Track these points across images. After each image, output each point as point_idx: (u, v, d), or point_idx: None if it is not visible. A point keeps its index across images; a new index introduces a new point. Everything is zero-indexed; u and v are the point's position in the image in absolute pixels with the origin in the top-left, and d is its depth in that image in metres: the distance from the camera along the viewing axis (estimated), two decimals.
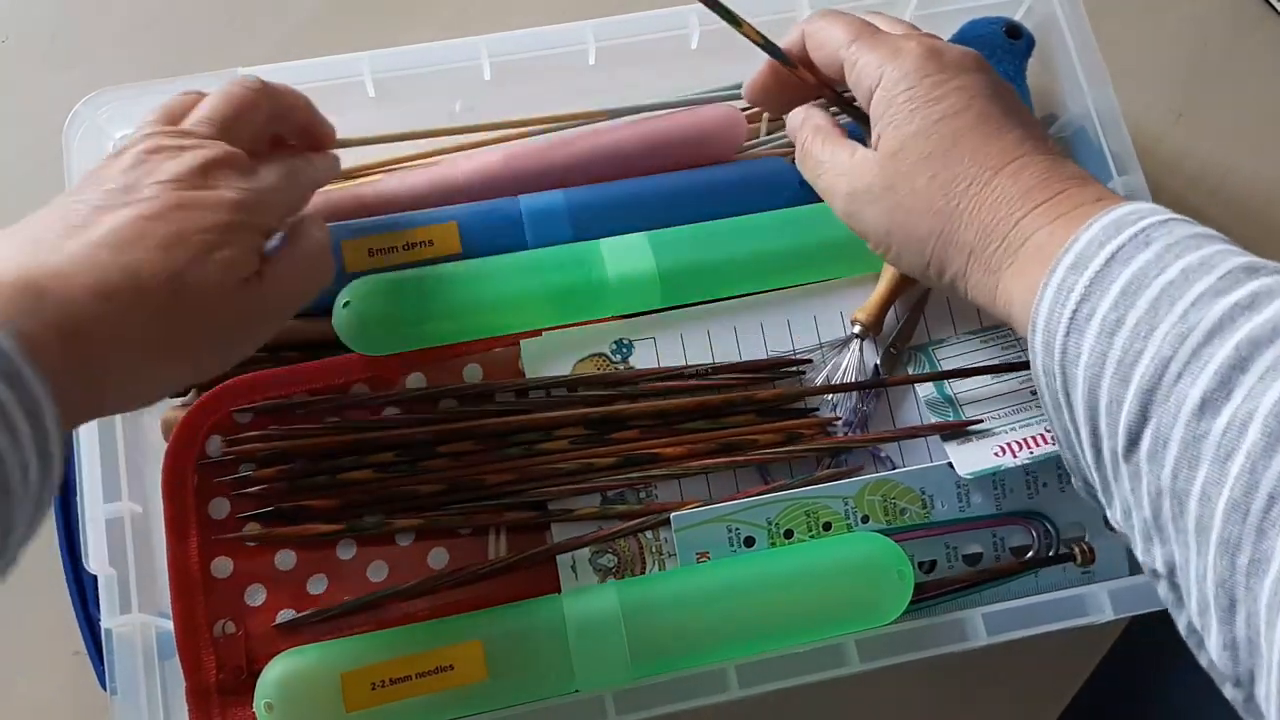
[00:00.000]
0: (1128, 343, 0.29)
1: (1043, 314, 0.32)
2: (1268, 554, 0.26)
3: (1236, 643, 0.27)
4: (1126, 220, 0.31)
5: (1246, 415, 0.27)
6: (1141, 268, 0.30)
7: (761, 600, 0.42)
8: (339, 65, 0.49)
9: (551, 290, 0.46)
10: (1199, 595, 0.29)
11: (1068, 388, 0.32)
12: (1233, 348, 0.27)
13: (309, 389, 0.46)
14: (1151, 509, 0.30)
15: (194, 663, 0.42)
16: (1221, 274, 0.29)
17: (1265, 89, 0.62)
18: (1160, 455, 0.29)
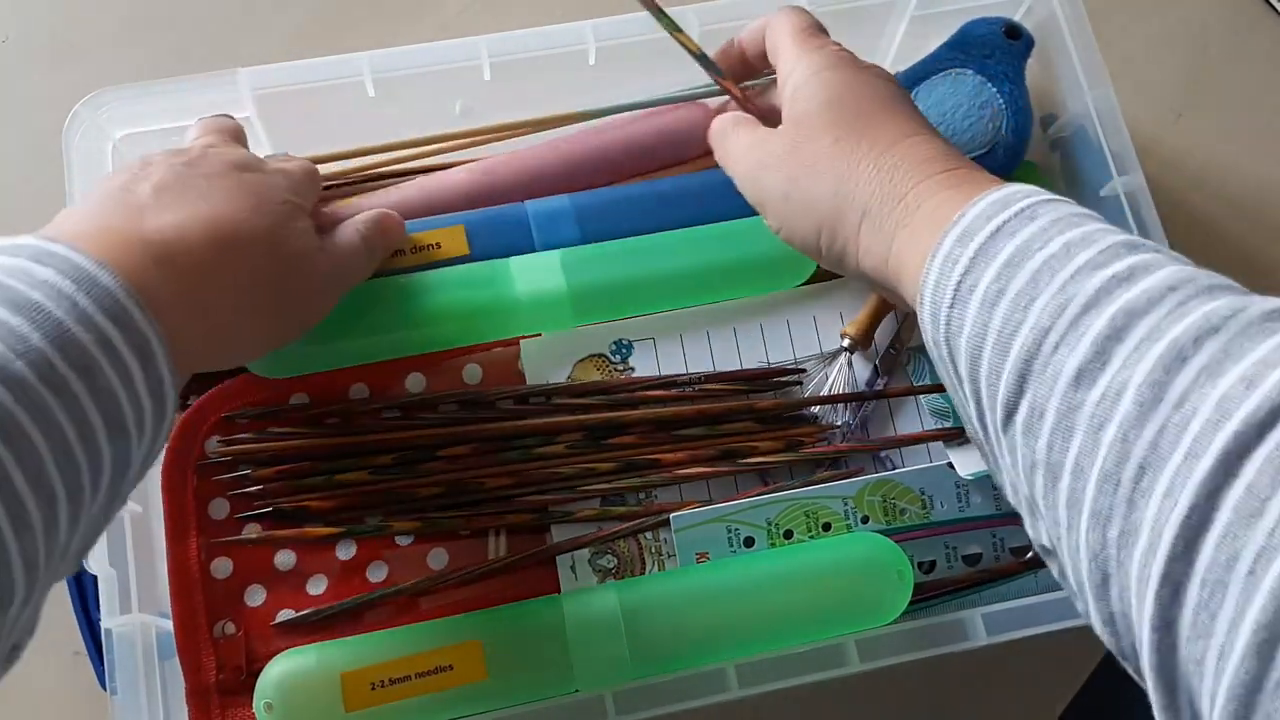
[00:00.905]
0: (1007, 313, 0.30)
1: (929, 285, 0.32)
2: (1137, 525, 0.26)
3: (1114, 617, 0.27)
4: (1014, 197, 0.32)
5: (1121, 385, 0.26)
6: (1025, 241, 0.30)
7: (761, 600, 0.42)
8: (339, 65, 0.49)
9: (457, 309, 0.45)
10: (1074, 571, 0.29)
11: (954, 359, 0.32)
12: (1108, 318, 0.27)
13: (308, 390, 0.46)
14: (1028, 483, 0.30)
15: (194, 663, 0.42)
16: (1102, 248, 0.29)
17: (1265, 89, 0.62)
18: (1036, 427, 0.29)
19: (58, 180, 0.47)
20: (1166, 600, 0.25)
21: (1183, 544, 0.24)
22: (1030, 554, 0.46)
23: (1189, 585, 0.24)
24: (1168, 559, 0.25)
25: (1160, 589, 0.25)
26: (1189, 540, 0.24)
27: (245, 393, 0.45)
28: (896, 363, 0.48)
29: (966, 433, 0.35)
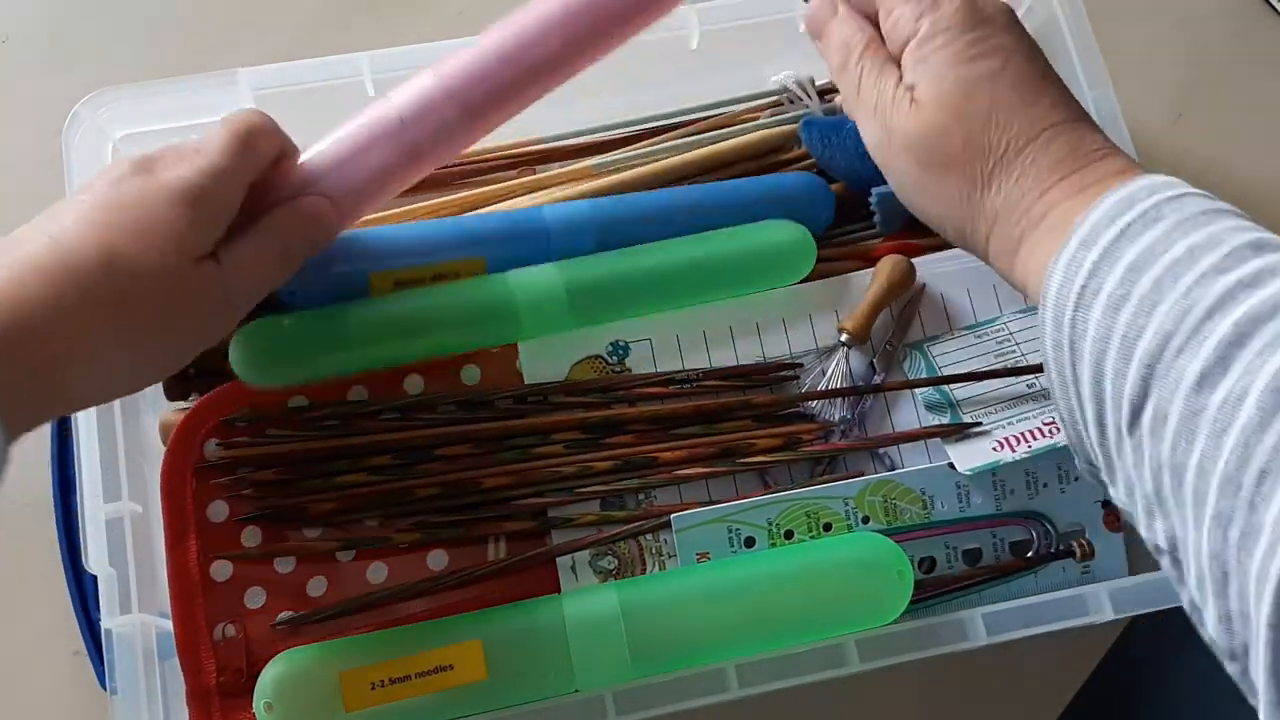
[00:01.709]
0: (1132, 318, 0.30)
1: (1053, 289, 0.32)
2: (1258, 527, 0.26)
3: (1230, 616, 0.28)
4: (1138, 195, 0.32)
5: (1243, 390, 0.27)
6: (1149, 245, 0.30)
7: (761, 600, 0.42)
8: (339, 65, 0.49)
9: (456, 317, 0.45)
10: (1196, 569, 0.29)
11: (1074, 362, 0.32)
12: (1232, 324, 0.28)
13: (306, 392, 0.45)
14: (1153, 483, 0.30)
15: (194, 666, 0.42)
16: (1227, 251, 0.29)
17: (1265, 89, 0.62)
18: (1160, 429, 0.29)
19: (58, 180, 0.47)
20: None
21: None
22: (1030, 553, 0.46)
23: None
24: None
25: (1278, 590, 0.25)
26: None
27: (244, 396, 0.45)
28: (893, 359, 0.48)
29: (1069, 440, 0.35)
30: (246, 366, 0.43)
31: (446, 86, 0.40)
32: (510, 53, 0.40)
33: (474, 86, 0.40)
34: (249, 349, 0.43)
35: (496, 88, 0.40)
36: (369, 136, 0.40)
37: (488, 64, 0.40)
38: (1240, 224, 0.31)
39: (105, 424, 0.44)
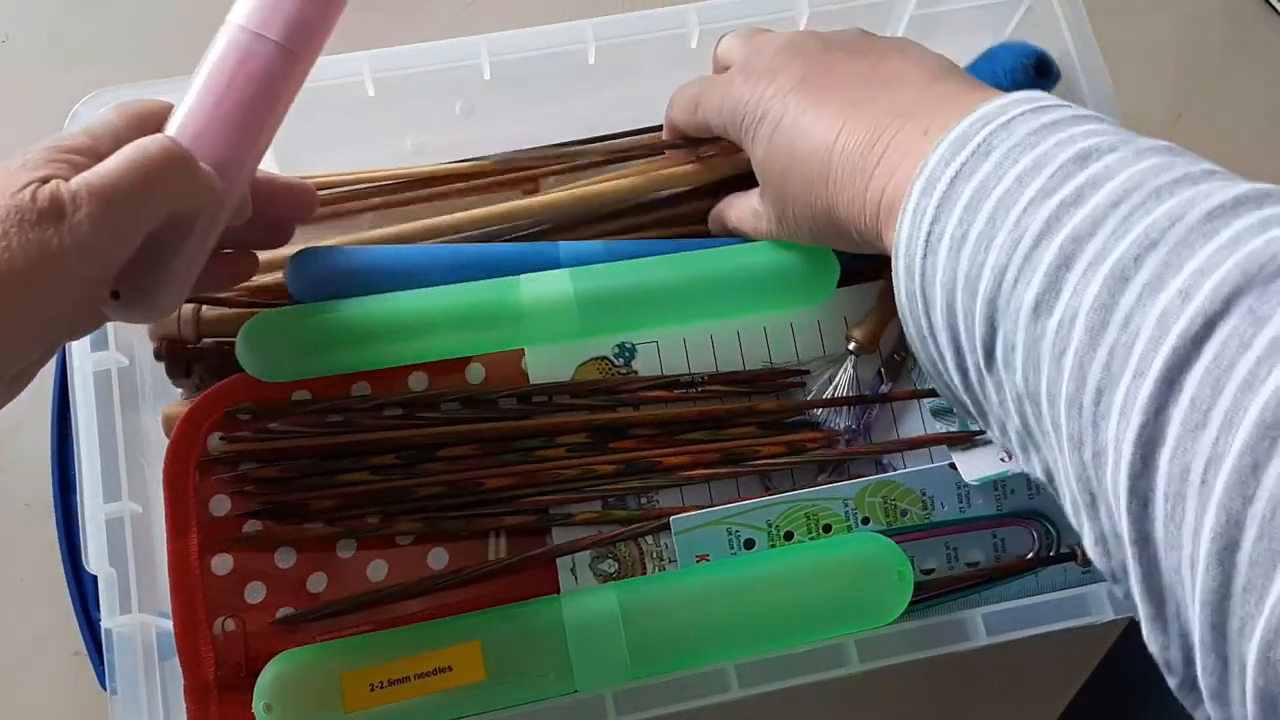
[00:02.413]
0: (972, 256, 0.30)
1: (902, 240, 0.33)
2: (1104, 446, 0.26)
3: (1105, 536, 0.28)
4: (970, 131, 0.32)
5: (1073, 312, 0.27)
6: (981, 180, 0.31)
7: (761, 601, 0.42)
8: (338, 65, 0.48)
9: (462, 319, 0.44)
10: (1070, 495, 0.29)
11: (928, 310, 0.32)
12: (1058, 247, 0.28)
13: (310, 387, 0.46)
14: (1018, 416, 0.31)
15: (193, 660, 0.42)
16: (1051, 172, 0.29)
17: (1266, 90, 0.62)
18: (1012, 361, 0.30)
19: None
20: (1138, 513, 0.26)
21: (1140, 461, 0.25)
22: (1031, 555, 0.46)
23: (1154, 499, 0.25)
24: (1130, 475, 0.25)
25: (1130, 503, 0.26)
26: (1145, 456, 0.25)
27: (248, 390, 0.45)
28: (902, 368, 0.48)
29: (939, 391, 0.35)
30: (252, 360, 0.43)
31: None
32: None
33: None
34: (255, 342, 0.43)
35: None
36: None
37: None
38: (1070, 134, 0.30)
39: (105, 423, 0.44)
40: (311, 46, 0.38)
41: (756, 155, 0.41)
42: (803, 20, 0.51)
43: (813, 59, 0.40)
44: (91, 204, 0.31)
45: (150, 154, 0.32)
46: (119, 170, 0.32)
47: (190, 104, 0.36)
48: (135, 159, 0.32)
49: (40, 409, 0.52)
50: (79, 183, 0.31)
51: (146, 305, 0.35)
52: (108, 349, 0.45)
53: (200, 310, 0.46)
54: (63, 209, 0.30)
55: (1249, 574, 0.23)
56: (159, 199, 0.33)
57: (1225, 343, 0.24)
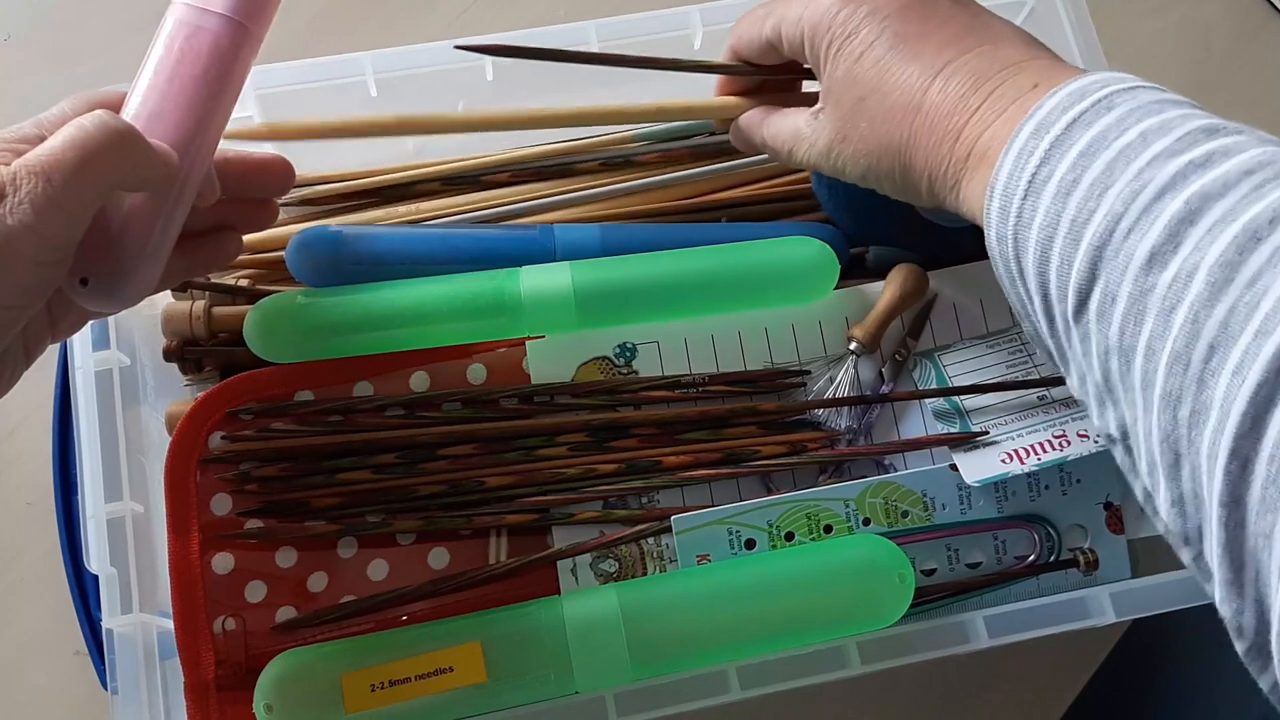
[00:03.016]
0: (1081, 202, 0.29)
1: (1001, 179, 0.32)
2: (1207, 404, 0.26)
3: (1184, 498, 0.28)
4: (1091, 88, 0.31)
5: (1193, 267, 0.27)
6: (1101, 131, 0.30)
7: (762, 603, 0.42)
8: (341, 65, 0.49)
9: (463, 306, 0.44)
10: (1147, 454, 0.29)
11: (1019, 253, 0.32)
12: (1183, 202, 0.27)
13: (312, 386, 0.46)
14: (1101, 370, 0.30)
15: (193, 659, 0.42)
16: (1179, 135, 0.29)
17: (1268, 91, 0.62)
18: (1109, 313, 0.29)
19: None
20: (1235, 475, 0.25)
21: (1250, 420, 0.25)
22: (1032, 558, 0.46)
23: (1257, 460, 0.25)
24: (1236, 435, 0.25)
25: (1229, 464, 0.25)
26: (1256, 416, 0.25)
27: (250, 389, 0.45)
28: (903, 368, 0.48)
29: (1025, 332, 0.34)
30: (260, 341, 0.44)
31: None
32: None
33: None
34: (263, 324, 0.44)
35: None
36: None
37: None
38: (1194, 111, 0.30)
39: (106, 423, 0.44)
40: (259, 15, 0.38)
41: (835, 74, 0.38)
42: None
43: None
44: (30, 182, 0.30)
45: (87, 129, 0.32)
46: (56, 148, 0.31)
47: (143, 85, 0.36)
48: (72, 135, 0.32)
49: (41, 408, 0.52)
50: (18, 164, 0.31)
51: (117, 290, 0.35)
52: (109, 348, 0.45)
53: (211, 308, 0.46)
54: (2, 190, 0.30)
55: None
56: (102, 174, 0.32)
57: None
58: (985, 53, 0.35)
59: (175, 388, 0.47)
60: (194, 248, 0.39)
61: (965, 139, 0.34)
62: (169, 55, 0.37)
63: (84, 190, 0.32)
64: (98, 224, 0.34)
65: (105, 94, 0.37)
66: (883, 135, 0.37)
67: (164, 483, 0.44)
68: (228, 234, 0.41)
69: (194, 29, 0.37)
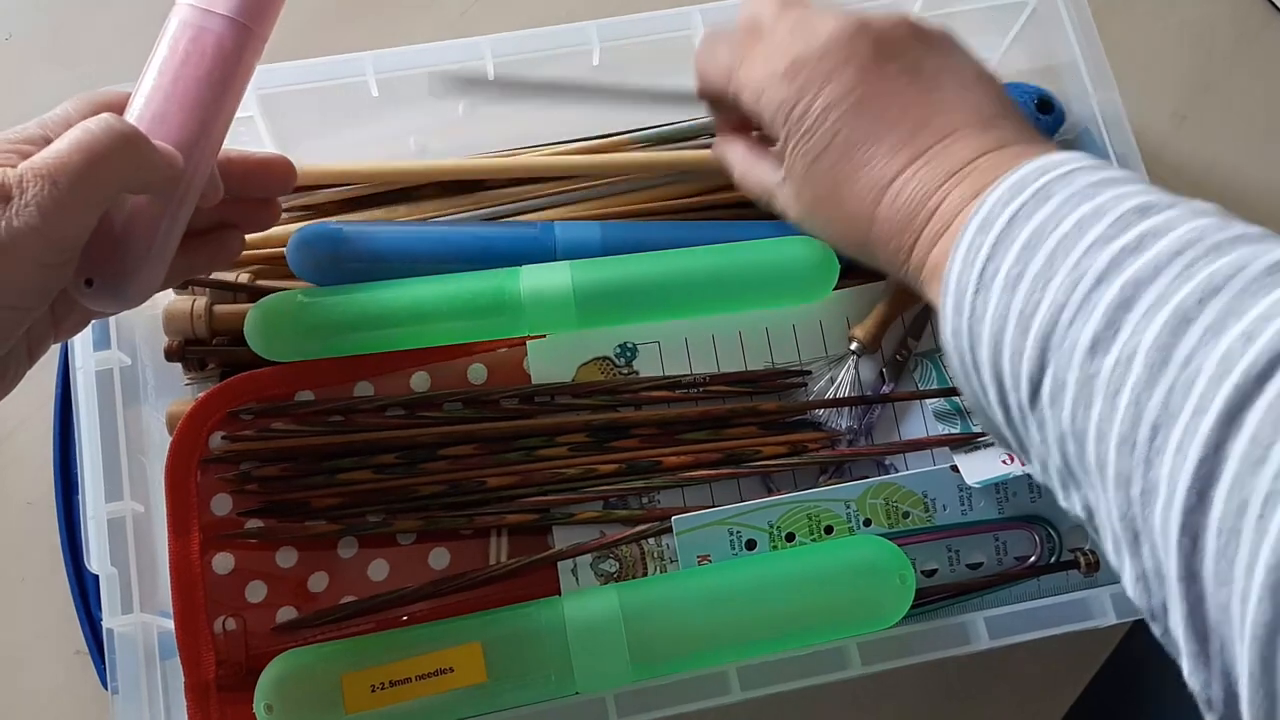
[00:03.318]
0: (1027, 294, 0.31)
1: (954, 275, 0.33)
2: (1155, 482, 0.27)
3: (1146, 574, 0.28)
4: (1030, 177, 0.33)
5: (1131, 351, 0.28)
6: (1040, 223, 0.31)
7: (762, 604, 0.42)
8: (342, 65, 0.48)
9: (463, 305, 0.44)
10: (1111, 533, 0.30)
11: (974, 346, 0.33)
12: (1118, 289, 0.28)
13: (313, 387, 0.46)
14: (1059, 454, 0.31)
15: (193, 659, 0.42)
16: (1113, 220, 0.30)
17: (1270, 92, 0.62)
18: (1060, 398, 0.30)
19: None
20: (1188, 550, 0.26)
21: (1196, 496, 0.25)
22: (1033, 559, 0.46)
23: (1206, 535, 0.25)
24: (1184, 510, 0.26)
25: (1181, 539, 0.26)
26: (1201, 491, 0.25)
27: (251, 389, 0.45)
28: (904, 368, 0.48)
29: (982, 426, 0.35)
30: (260, 339, 0.44)
31: None
32: None
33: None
34: (264, 322, 0.44)
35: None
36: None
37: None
38: (1128, 190, 0.31)
39: (107, 423, 0.44)
40: (263, 17, 0.38)
41: (795, 166, 0.39)
42: None
43: (867, 70, 0.38)
44: (37, 185, 0.31)
45: (93, 133, 0.32)
46: (63, 151, 0.31)
47: (146, 87, 0.36)
48: (78, 139, 0.32)
49: (42, 408, 0.52)
50: (24, 166, 0.31)
51: (122, 291, 0.35)
52: (110, 348, 0.45)
53: (213, 307, 0.46)
54: (8, 193, 0.30)
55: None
56: (108, 177, 0.32)
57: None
58: (936, 156, 0.36)
59: (176, 387, 0.47)
60: (196, 246, 0.39)
61: (919, 250, 0.36)
62: (173, 56, 0.37)
63: (90, 193, 0.32)
64: (103, 225, 0.34)
65: (109, 95, 0.37)
66: (843, 235, 0.39)
67: (164, 483, 0.44)
68: (230, 232, 0.41)
69: (198, 30, 0.37)
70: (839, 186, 0.38)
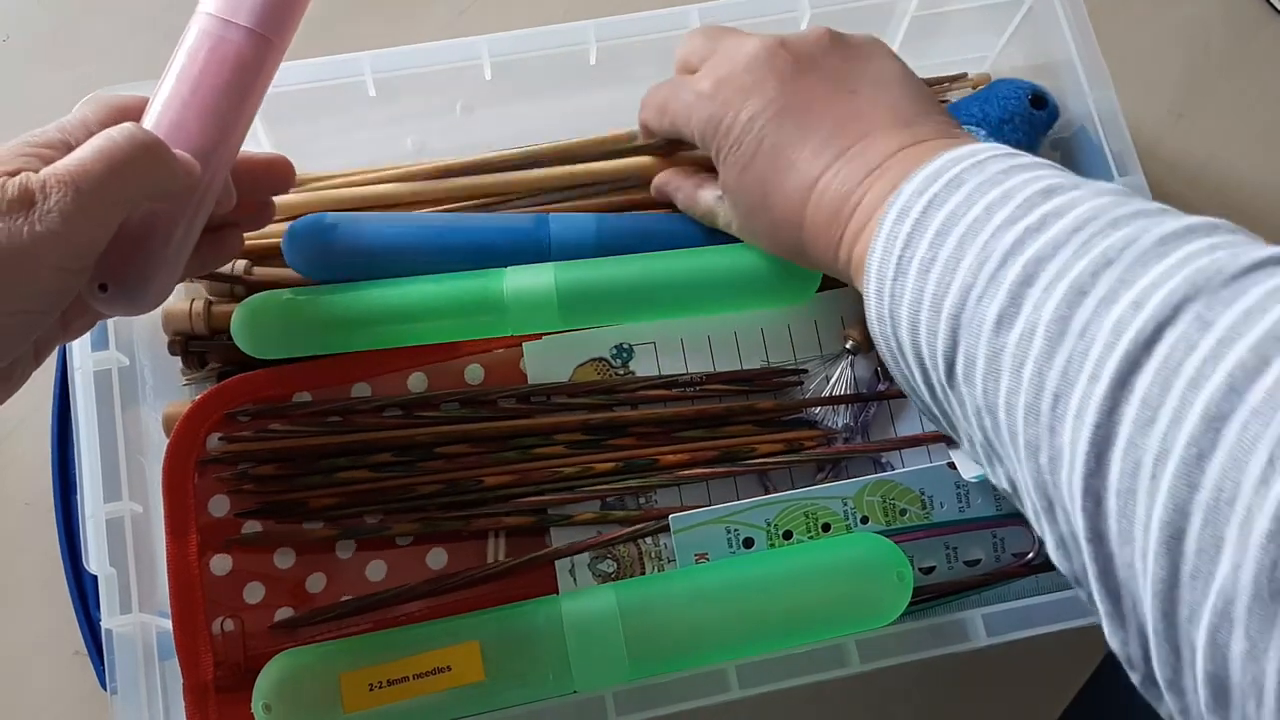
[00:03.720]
0: (940, 277, 0.32)
1: (875, 263, 0.34)
2: (1059, 449, 0.28)
3: (1064, 540, 0.30)
4: (944, 168, 0.34)
5: (1033, 325, 0.29)
6: (952, 210, 0.33)
7: (760, 602, 0.42)
8: (340, 65, 0.49)
9: (446, 304, 0.44)
10: (1030, 502, 0.31)
11: (895, 330, 0.34)
12: (1021, 266, 0.30)
13: (310, 388, 0.46)
14: (979, 428, 0.32)
15: (192, 660, 0.42)
16: (1019, 203, 0.31)
17: (1266, 90, 0.62)
18: (972, 374, 0.31)
19: None
20: (1093, 512, 0.27)
21: (1095, 459, 0.27)
22: (1031, 556, 0.46)
23: (1107, 496, 0.27)
24: (1085, 475, 0.27)
25: (1085, 503, 0.27)
26: (1100, 455, 0.27)
27: (248, 390, 0.45)
28: None
29: (920, 410, 0.36)
30: (245, 336, 0.44)
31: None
32: None
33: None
34: (250, 320, 0.44)
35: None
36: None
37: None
38: (1036, 174, 0.32)
39: (105, 423, 0.44)
40: (282, 29, 0.38)
41: (728, 179, 0.41)
42: (804, 20, 0.51)
43: (787, 83, 0.40)
44: (60, 192, 0.31)
45: (116, 141, 0.33)
46: (86, 159, 0.32)
47: (165, 94, 0.37)
48: (101, 147, 0.32)
49: (41, 409, 0.52)
50: (47, 172, 0.31)
51: (135, 296, 0.36)
52: (108, 348, 0.45)
53: (210, 305, 0.46)
54: (31, 198, 0.31)
55: (1195, 561, 0.24)
56: (129, 185, 0.33)
57: (1174, 345, 0.26)
58: (856, 155, 0.37)
59: (174, 387, 0.47)
60: (200, 246, 0.39)
61: (845, 245, 0.37)
62: (192, 65, 0.37)
63: (111, 201, 0.32)
64: (120, 231, 0.34)
65: (126, 100, 0.38)
66: (778, 239, 0.41)
67: (161, 485, 0.44)
68: (231, 231, 0.42)
69: (218, 40, 0.37)
70: (769, 193, 0.40)
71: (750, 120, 0.40)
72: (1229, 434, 0.24)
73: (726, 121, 0.40)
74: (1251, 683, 0.23)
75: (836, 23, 0.44)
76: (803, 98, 0.39)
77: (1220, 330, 0.25)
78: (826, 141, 0.38)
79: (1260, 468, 0.23)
